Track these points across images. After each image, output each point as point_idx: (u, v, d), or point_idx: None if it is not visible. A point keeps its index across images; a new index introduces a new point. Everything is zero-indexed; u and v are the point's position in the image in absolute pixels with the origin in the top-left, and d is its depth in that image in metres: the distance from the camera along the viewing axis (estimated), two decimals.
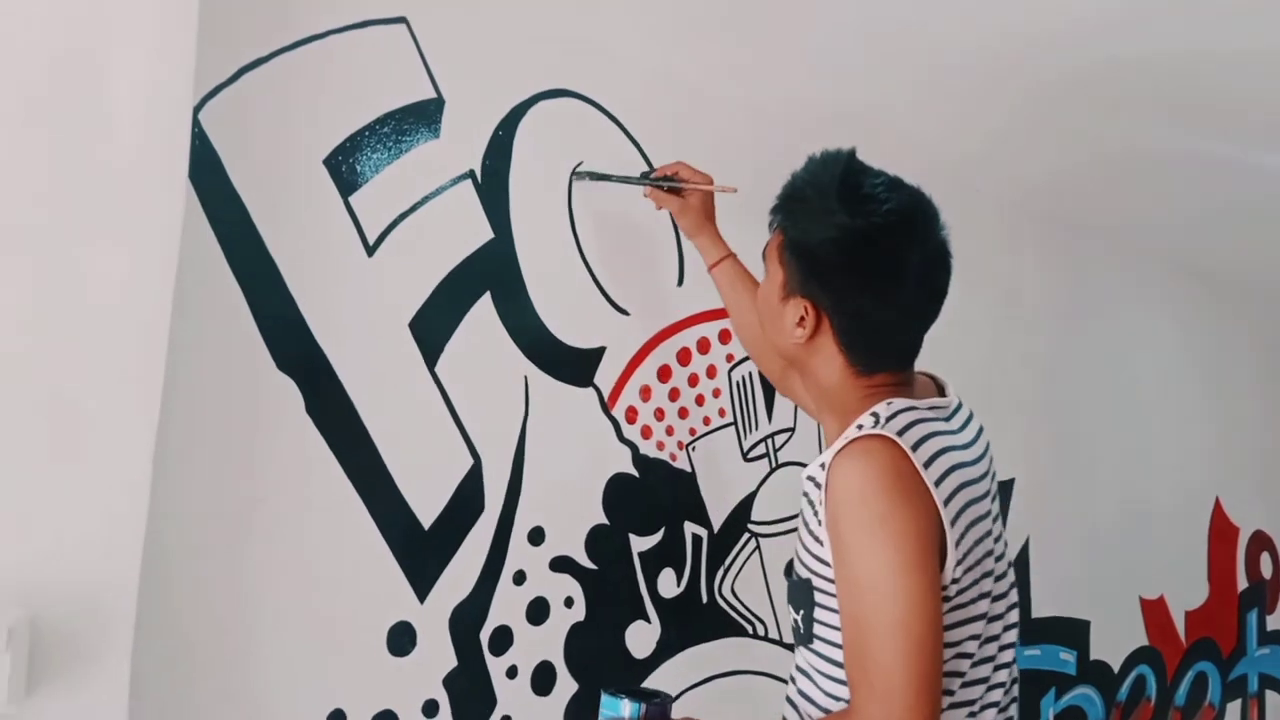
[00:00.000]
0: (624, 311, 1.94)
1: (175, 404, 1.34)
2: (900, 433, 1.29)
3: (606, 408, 1.91)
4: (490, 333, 1.75)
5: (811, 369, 1.42)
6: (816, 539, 1.34)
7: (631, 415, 1.94)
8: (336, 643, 1.53)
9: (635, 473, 1.94)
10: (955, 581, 1.29)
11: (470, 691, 1.68)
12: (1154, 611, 3.21)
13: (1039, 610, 2.80)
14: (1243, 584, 3.58)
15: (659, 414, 1.99)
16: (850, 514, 1.27)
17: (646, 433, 1.96)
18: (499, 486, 1.74)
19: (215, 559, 1.42)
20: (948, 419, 1.40)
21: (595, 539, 1.87)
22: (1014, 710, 1.44)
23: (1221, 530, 3.50)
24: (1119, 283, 3.16)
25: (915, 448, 1.29)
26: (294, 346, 1.52)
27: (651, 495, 1.95)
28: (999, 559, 1.40)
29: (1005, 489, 2.71)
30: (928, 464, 1.28)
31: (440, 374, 1.68)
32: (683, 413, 2.03)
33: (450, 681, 1.65)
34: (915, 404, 1.36)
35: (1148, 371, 3.27)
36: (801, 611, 1.39)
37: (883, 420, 1.31)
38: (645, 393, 1.97)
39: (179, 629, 1.38)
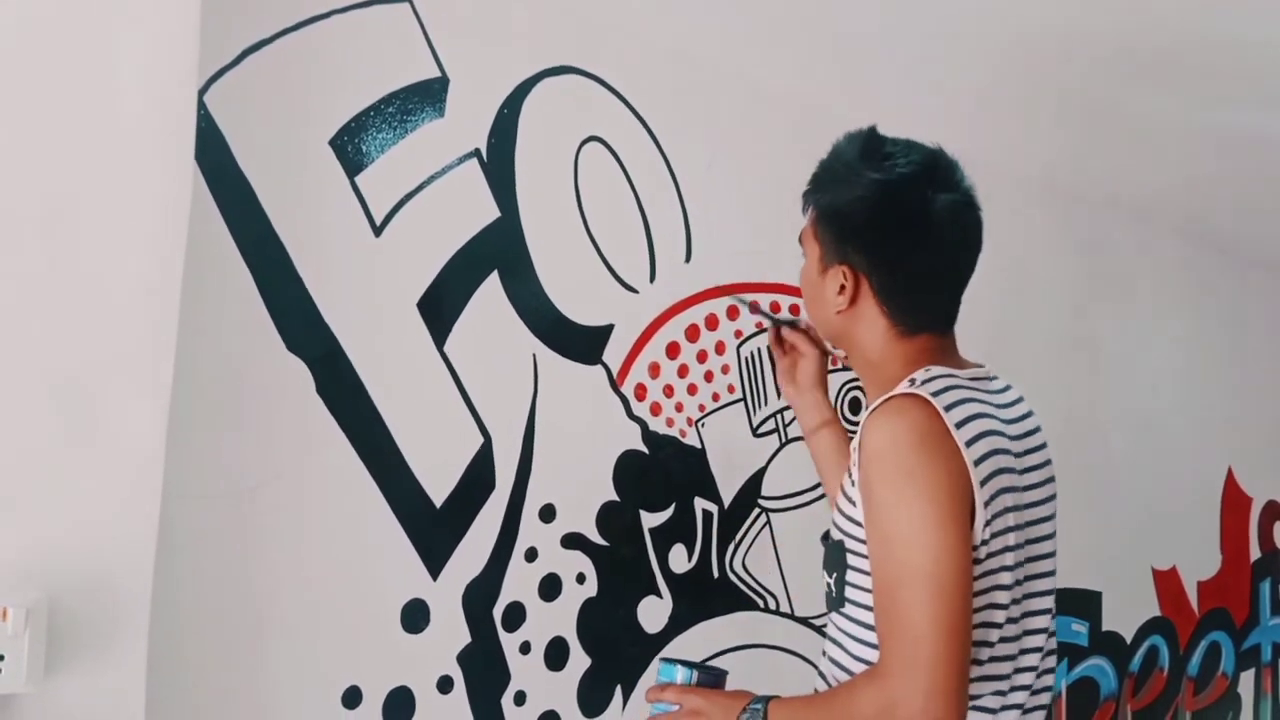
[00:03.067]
0: (632, 289, 1.94)
1: (187, 386, 1.35)
2: (935, 394, 1.31)
3: (615, 385, 1.91)
4: (498, 311, 1.76)
5: (856, 338, 1.44)
6: (850, 500, 1.36)
7: (641, 392, 1.94)
8: (351, 620, 1.55)
9: (645, 449, 1.94)
10: (984, 543, 1.29)
11: (484, 667, 1.70)
12: (1167, 582, 3.21)
13: None
14: (1256, 554, 3.58)
15: (668, 390, 1.99)
16: (880, 470, 1.28)
17: (656, 409, 1.97)
18: (509, 464, 1.75)
19: (229, 540, 1.44)
20: (991, 392, 1.41)
21: (606, 515, 1.88)
22: (1046, 698, 1.43)
23: (1234, 500, 3.50)
24: (1132, 255, 3.14)
25: (949, 409, 1.30)
26: (303, 327, 1.53)
27: (661, 471, 1.96)
28: (1041, 539, 1.41)
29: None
30: (960, 424, 1.29)
31: (449, 353, 1.68)
32: (692, 389, 2.03)
33: (464, 657, 1.67)
34: (954, 372, 1.37)
35: (1161, 342, 3.25)
36: (834, 575, 1.40)
37: (919, 383, 1.33)
38: (654, 370, 1.97)
39: (195, 609, 1.39)
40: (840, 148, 1.44)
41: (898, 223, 1.37)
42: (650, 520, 1.94)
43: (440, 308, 1.68)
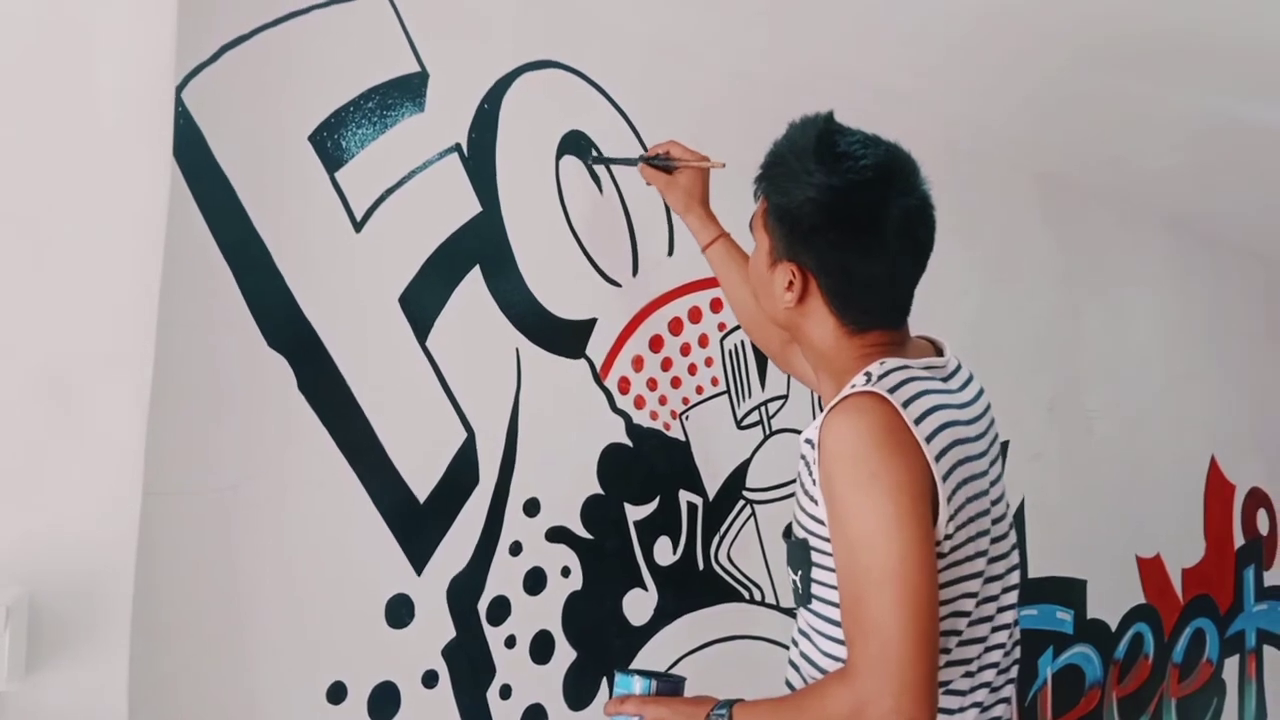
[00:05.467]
0: (615, 282, 1.94)
1: (167, 383, 1.34)
2: (891, 390, 1.30)
3: (599, 379, 1.91)
4: (481, 306, 1.76)
5: (805, 333, 1.44)
6: (812, 499, 1.36)
7: (624, 386, 1.95)
8: (335, 616, 1.55)
9: (629, 443, 1.94)
10: (949, 538, 1.30)
11: (469, 661, 1.70)
12: (1151, 570, 3.23)
13: (1035, 570, 2.82)
14: (1239, 541, 3.60)
15: (652, 384, 2.00)
16: (843, 471, 1.28)
17: (640, 403, 1.97)
18: (493, 459, 1.75)
19: (211, 536, 1.43)
20: (944, 379, 1.41)
21: (591, 509, 1.88)
22: (1015, 671, 1.45)
23: (1218, 488, 3.52)
24: (1115, 241, 3.15)
25: (906, 404, 1.30)
26: (284, 323, 1.52)
27: (646, 465, 1.96)
28: (998, 520, 1.41)
29: (1000, 450, 2.72)
30: (919, 420, 1.29)
31: (431, 348, 1.68)
32: (675, 382, 2.03)
33: (449, 652, 1.67)
34: (908, 363, 1.37)
35: (1144, 330, 3.27)
36: (800, 572, 1.40)
37: (874, 379, 1.33)
38: (638, 363, 1.97)
39: (177, 606, 1.39)
40: (794, 137, 1.41)
41: (848, 232, 1.35)
42: (635, 513, 1.95)
43: (422, 303, 1.68)
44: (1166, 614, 3.27)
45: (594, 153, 1.91)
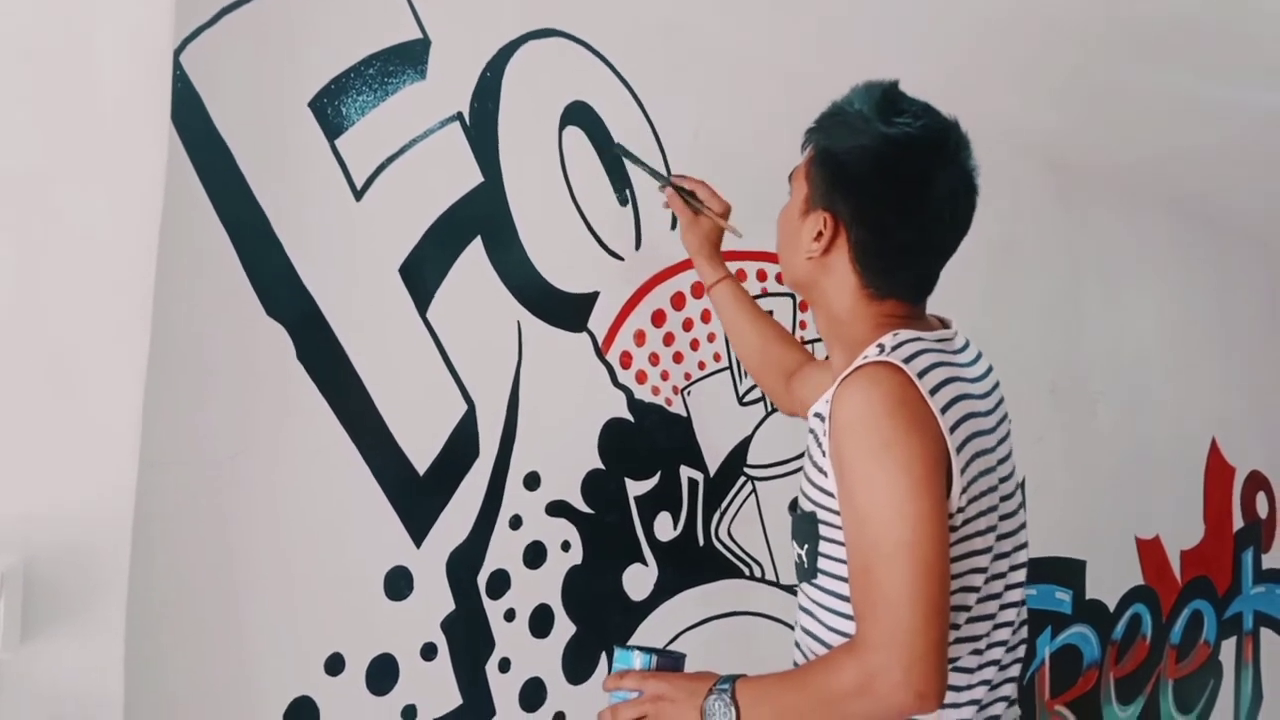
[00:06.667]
0: (618, 256, 1.92)
1: (164, 353, 1.33)
2: (906, 360, 1.29)
3: (600, 353, 1.90)
4: (482, 278, 1.74)
5: (823, 291, 1.42)
6: (821, 470, 1.35)
7: (626, 360, 1.93)
8: (333, 588, 1.54)
9: (630, 418, 1.93)
10: (960, 511, 1.29)
11: (468, 634, 1.69)
12: (1150, 551, 3.23)
13: (1035, 550, 2.80)
14: (1239, 523, 3.60)
15: (653, 359, 1.98)
16: (855, 440, 1.26)
17: (641, 378, 1.95)
18: (494, 432, 1.74)
19: (208, 507, 1.42)
20: (955, 352, 1.40)
21: (591, 483, 1.87)
22: (1022, 651, 1.44)
23: (1218, 471, 3.52)
24: (1118, 225, 3.14)
25: (921, 375, 1.28)
26: (283, 293, 1.50)
27: (647, 440, 1.95)
28: (1007, 498, 1.40)
29: (1009, 429, 2.71)
30: (933, 391, 1.28)
31: (432, 320, 1.67)
32: (677, 357, 2.02)
33: (448, 625, 1.66)
34: (922, 335, 1.35)
35: (1148, 315, 3.26)
36: (805, 546, 1.39)
37: (888, 349, 1.32)
38: (639, 338, 1.96)
39: (175, 576, 1.37)
40: (857, 94, 1.40)
41: (894, 184, 1.34)
42: (635, 488, 1.94)
43: (423, 274, 1.66)
44: (1165, 595, 3.27)
45: (619, 145, 1.89)
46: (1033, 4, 1.99)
